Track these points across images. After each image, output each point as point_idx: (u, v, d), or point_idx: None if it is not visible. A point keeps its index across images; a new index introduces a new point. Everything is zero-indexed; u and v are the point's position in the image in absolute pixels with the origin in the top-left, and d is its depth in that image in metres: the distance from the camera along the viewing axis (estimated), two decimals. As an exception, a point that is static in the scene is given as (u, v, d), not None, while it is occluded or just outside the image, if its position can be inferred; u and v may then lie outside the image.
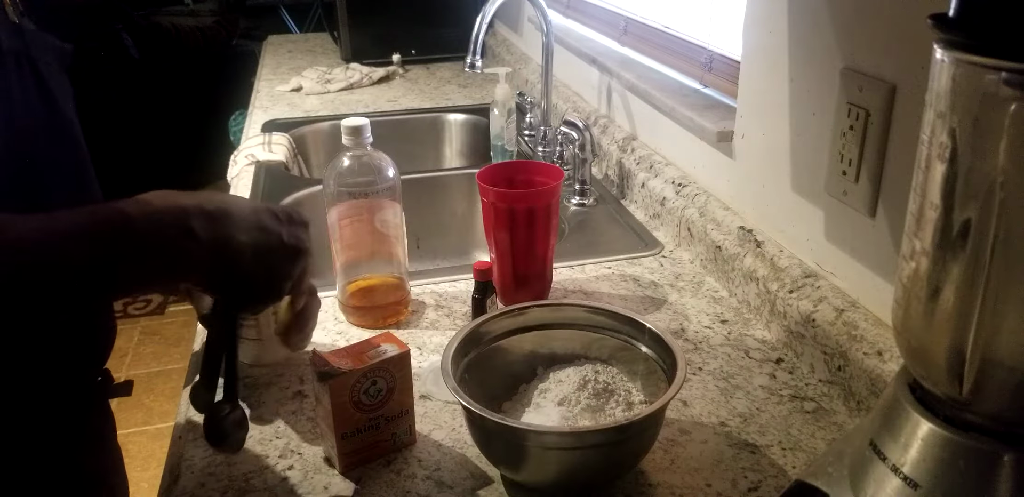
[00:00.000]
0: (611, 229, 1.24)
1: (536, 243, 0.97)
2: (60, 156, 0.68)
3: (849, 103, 0.79)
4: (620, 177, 1.36)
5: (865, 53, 0.77)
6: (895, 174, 0.76)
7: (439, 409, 0.82)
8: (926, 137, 0.45)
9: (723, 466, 0.74)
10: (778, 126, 0.93)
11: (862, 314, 0.81)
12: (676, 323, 0.97)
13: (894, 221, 0.76)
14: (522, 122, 1.64)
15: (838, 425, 0.79)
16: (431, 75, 2.20)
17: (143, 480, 2.07)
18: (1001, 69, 0.39)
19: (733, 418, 0.80)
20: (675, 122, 1.19)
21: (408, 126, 1.86)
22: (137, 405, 2.38)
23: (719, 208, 1.08)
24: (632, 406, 0.73)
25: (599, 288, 1.06)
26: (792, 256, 0.93)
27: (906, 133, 0.73)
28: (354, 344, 0.74)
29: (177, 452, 0.77)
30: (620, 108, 1.42)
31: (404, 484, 0.72)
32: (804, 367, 0.88)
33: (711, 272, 1.07)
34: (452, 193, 1.49)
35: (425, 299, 1.04)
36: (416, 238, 1.45)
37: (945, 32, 0.41)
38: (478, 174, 0.98)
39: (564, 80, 1.69)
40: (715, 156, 1.10)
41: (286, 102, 1.95)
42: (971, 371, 0.45)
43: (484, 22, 1.28)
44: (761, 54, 0.96)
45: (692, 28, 1.25)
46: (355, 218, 0.94)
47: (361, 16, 2.22)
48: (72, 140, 0.69)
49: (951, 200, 0.43)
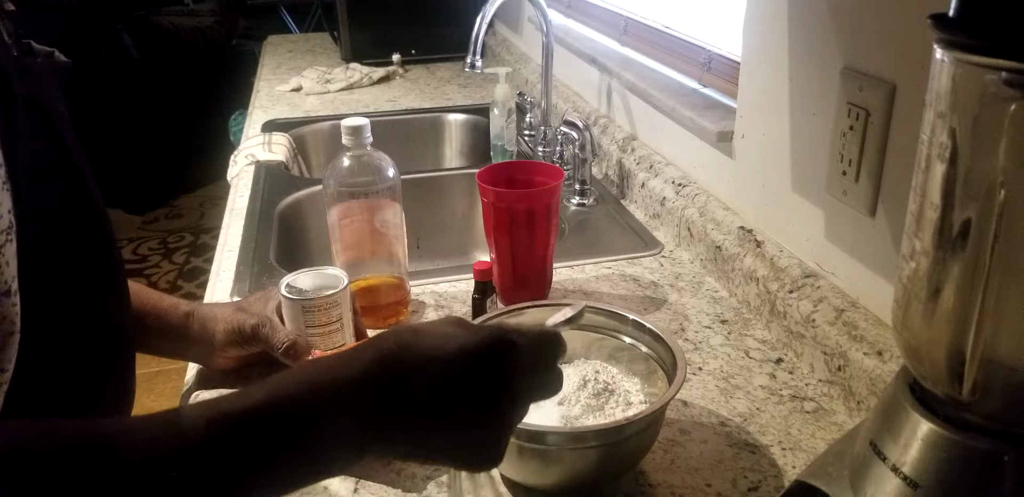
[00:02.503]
0: (611, 229, 1.24)
1: (536, 243, 0.97)
2: (75, 204, 0.64)
3: (849, 103, 0.79)
4: (620, 177, 1.36)
5: (865, 53, 0.77)
6: (895, 174, 0.76)
7: (439, 409, 0.82)
8: (926, 137, 0.45)
9: (723, 466, 0.74)
10: (778, 126, 0.93)
11: (862, 314, 0.81)
12: (676, 323, 0.97)
13: (894, 221, 0.76)
14: (522, 122, 1.64)
15: (838, 425, 0.79)
16: (431, 75, 2.20)
17: (143, 480, 2.06)
18: (1001, 69, 0.39)
19: (733, 418, 0.80)
20: (675, 122, 1.19)
21: (408, 126, 1.86)
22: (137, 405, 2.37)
23: (719, 208, 1.08)
24: (632, 406, 0.73)
25: (599, 288, 1.06)
26: (792, 256, 0.93)
27: (906, 133, 0.73)
28: (354, 344, 0.74)
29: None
30: (620, 108, 1.42)
31: (404, 484, 0.72)
32: (804, 367, 0.88)
33: (711, 272, 1.07)
34: (452, 193, 1.49)
35: (425, 299, 1.04)
36: (416, 238, 1.45)
37: (945, 32, 0.41)
38: (478, 174, 0.98)
39: (564, 80, 1.69)
40: (715, 156, 1.10)
41: (286, 102, 1.95)
42: (971, 371, 0.45)
43: (484, 22, 1.28)
44: (761, 54, 0.96)
45: (692, 28, 1.25)
46: (355, 218, 0.94)
47: (361, 16, 2.22)
48: (86, 187, 0.65)
49: (951, 200, 0.43)
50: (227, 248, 1.17)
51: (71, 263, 0.60)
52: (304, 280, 0.84)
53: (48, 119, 0.60)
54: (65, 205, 0.61)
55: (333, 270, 0.85)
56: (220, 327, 0.83)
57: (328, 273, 0.85)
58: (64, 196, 0.61)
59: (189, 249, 3.33)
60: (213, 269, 1.13)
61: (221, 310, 0.85)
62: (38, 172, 0.57)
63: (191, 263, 3.20)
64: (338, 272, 0.85)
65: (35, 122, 0.58)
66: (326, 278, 0.84)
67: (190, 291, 2.95)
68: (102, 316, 0.65)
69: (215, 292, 1.05)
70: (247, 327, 0.82)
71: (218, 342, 0.83)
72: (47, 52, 0.63)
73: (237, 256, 1.14)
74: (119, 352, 0.69)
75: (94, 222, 0.65)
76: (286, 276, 0.84)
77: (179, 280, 3.07)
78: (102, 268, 0.66)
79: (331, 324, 0.82)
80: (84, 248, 0.63)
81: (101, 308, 0.65)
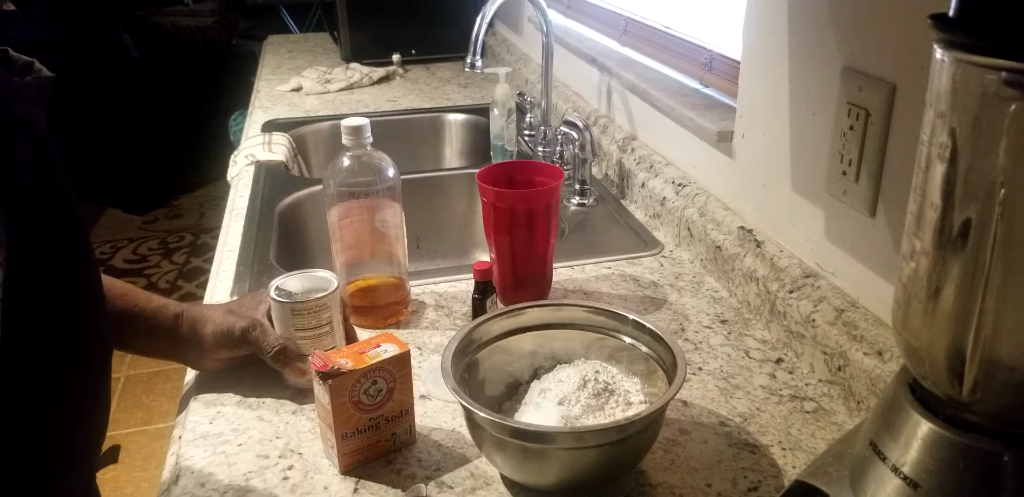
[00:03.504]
0: (611, 229, 1.24)
1: (536, 243, 0.97)
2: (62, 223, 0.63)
3: (849, 103, 0.79)
4: (620, 177, 1.36)
5: (865, 53, 0.77)
6: (895, 174, 0.76)
7: (439, 409, 0.82)
8: (926, 137, 0.45)
9: (723, 466, 0.74)
10: (778, 126, 0.93)
11: (862, 314, 0.81)
12: (676, 323, 0.97)
13: (894, 221, 0.76)
14: (522, 122, 1.64)
15: (838, 425, 0.79)
16: (431, 75, 2.20)
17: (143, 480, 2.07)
18: (1001, 69, 0.39)
19: (733, 418, 0.80)
20: (675, 122, 1.19)
21: (408, 126, 1.86)
22: (137, 405, 2.38)
23: (719, 208, 1.08)
24: (632, 406, 0.73)
25: (599, 288, 1.06)
26: (792, 256, 0.93)
27: (906, 133, 0.73)
28: (354, 344, 0.74)
29: (177, 452, 0.77)
30: (620, 108, 1.42)
31: (404, 484, 0.72)
32: (804, 367, 0.88)
33: (711, 272, 1.07)
34: (452, 193, 1.49)
35: (425, 299, 1.04)
36: (416, 238, 1.45)
37: (945, 32, 0.41)
38: (478, 174, 0.98)
39: (564, 80, 1.69)
40: (715, 156, 1.10)
41: (286, 102, 1.95)
42: (971, 371, 0.45)
43: (484, 22, 1.28)
44: (761, 54, 0.96)
45: (692, 28, 1.25)
46: (355, 218, 0.94)
47: (361, 16, 2.22)
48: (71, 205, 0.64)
49: (951, 200, 0.43)
50: (227, 248, 1.17)
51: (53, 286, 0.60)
52: (294, 283, 0.83)
53: (36, 138, 0.60)
54: (54, 224, 0.61)
55: (323, 273, 0.85)
56: (209, 329, 0.82)
57: (318, 276, 0.84)
58: (53, 214, 0.61)
59: (189, 249, 3.33)
60: (213, 269, 1.13)
61: (211, 312, 0.84)
62: (35, 194, 0.57)
63: (191, 263, 3.20)
64: (328, 275, 0.85)
65: (27, 143, 0.58)
66: (316, 281, 0.84)
67: (190, 291, 2.95)
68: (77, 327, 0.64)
69: (215, 292, 1.05)
70: (236, 330, 0.82)
71: (207, 344, 0.83)
72: (26, 62, 0.62)
73: (237, 256, 1.14)
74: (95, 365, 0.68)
75: (76, 238, 0.64)
76: (275, 279, 0.84)
77: (179, 280, 3.07)
78: (82, 288, 0.65)
79: (321, 327, 0.82)
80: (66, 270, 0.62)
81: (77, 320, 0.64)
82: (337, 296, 0.83)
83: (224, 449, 0.77)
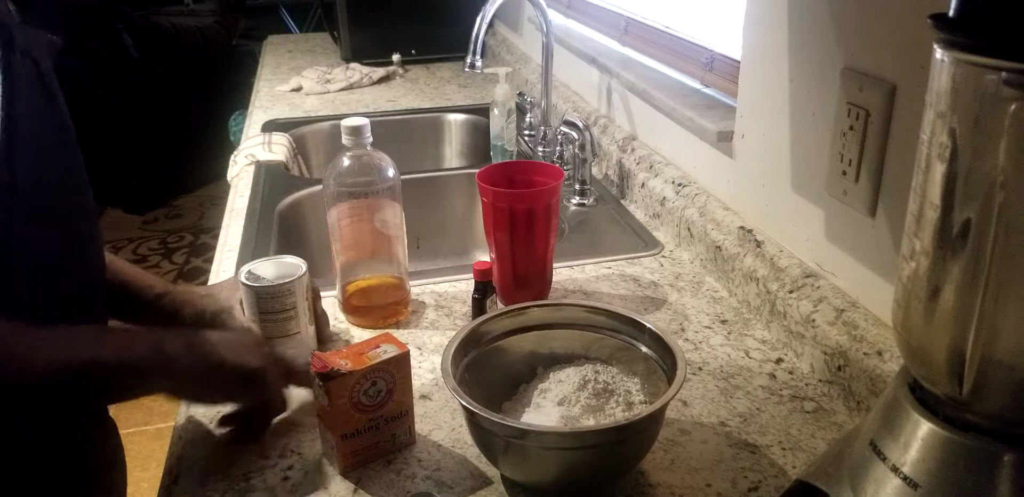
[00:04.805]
0: (611, 229, 1.24)
1: (536, 243, 0.97)
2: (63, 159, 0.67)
3: (849, 103, 0.79)
4: (620, 177, 1.36)
5: (865, 53, 0.77)
6: (895, 174, 0.76)
7: (439, 409, 0.82)
8: (926, 137, 0.45)
9: (723, 466, 0.74)
10: (778, 126, 0.93)
11: (862, 314, 0.81)
12: (676, 323, 0.97)
13: (894, 221, 0.76)
14: (522, 122, 1.64)
15: (838, 425, 0.79)
16: (431, 75, 2.20)
17: (143, 480, 2.06)
18: (1001, 69, 0.39)
19: (733, 418, 0.80)
20: (675, 122, 1.19)
21: (408, 126, 1.86)
22: (137, 405, 2.37)
23: (719, 208, 1.08)
24: (632, 406, 0.73)
25: (599, 288, 1.06)
26: (792, 256, 0.93)
27: (906, 133, 0.73)
28: (354, 344, 0.74)
29: (177, 452, 0.77)
30: (620, 108, 1.42)
31: (404, 484, 0.72)
32: (804, 367, 0.88)
33: (711, 272, 1.07)
34: (452, 193, 1.49)
35: (425, 299, 1.04)
36: (416, 238, 1.45)
37: (945, 32, 0.41)
38: (478, 174, 0.98)
39: (564, 80, 1.69)
40: (715, 156, 1.10)
41: (286, 102, 1.95)
42: (971, 371, 0.45)
43: (484, 22, 1.28)
44: (761, 54, 0.96)
45: (692, 28, 1.25)
46: (355, 218, 0.94)
47: (361, 16, 2.22)
48: (72, 143, 0.68)
49: (951, 200, 0.43)
50: (227, 248, 1.17)
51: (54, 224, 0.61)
52: (266, 268, 0.86)
53: (42, 79, 0.62)
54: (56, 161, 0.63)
55: (293, 259, 0.88)
56: (187, 311, 0.84)
57: (288, 262, 0.87)
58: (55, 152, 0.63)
59: (189, 249, 3.33)
60: (213, 269, 1.13)
61: (192, 294, 0.87)
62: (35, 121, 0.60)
63: (191, 263, 3.20)
64: (298, 261, 0.87)
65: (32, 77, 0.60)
66: (287, 267, 0.86)
67: (190, 291, 2.95)
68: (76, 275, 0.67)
69: (215, 292, 1.05)
70: (208, 313, 0.84)
71: (184, 325, 0.84)
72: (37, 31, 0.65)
73: (237, 256, 1.14)
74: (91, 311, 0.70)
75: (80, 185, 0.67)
76: (248, 263, 0.87)
77: (179, 280, 3.07)
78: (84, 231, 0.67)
79: (285, 312, 0.84)
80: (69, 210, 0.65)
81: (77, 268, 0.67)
82: (304, 282, 0.85)
83: (224, 449, 0.77)
